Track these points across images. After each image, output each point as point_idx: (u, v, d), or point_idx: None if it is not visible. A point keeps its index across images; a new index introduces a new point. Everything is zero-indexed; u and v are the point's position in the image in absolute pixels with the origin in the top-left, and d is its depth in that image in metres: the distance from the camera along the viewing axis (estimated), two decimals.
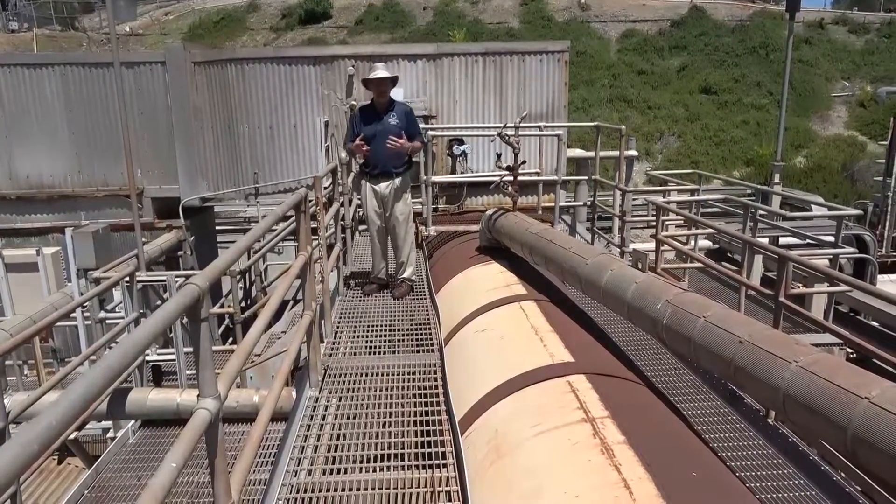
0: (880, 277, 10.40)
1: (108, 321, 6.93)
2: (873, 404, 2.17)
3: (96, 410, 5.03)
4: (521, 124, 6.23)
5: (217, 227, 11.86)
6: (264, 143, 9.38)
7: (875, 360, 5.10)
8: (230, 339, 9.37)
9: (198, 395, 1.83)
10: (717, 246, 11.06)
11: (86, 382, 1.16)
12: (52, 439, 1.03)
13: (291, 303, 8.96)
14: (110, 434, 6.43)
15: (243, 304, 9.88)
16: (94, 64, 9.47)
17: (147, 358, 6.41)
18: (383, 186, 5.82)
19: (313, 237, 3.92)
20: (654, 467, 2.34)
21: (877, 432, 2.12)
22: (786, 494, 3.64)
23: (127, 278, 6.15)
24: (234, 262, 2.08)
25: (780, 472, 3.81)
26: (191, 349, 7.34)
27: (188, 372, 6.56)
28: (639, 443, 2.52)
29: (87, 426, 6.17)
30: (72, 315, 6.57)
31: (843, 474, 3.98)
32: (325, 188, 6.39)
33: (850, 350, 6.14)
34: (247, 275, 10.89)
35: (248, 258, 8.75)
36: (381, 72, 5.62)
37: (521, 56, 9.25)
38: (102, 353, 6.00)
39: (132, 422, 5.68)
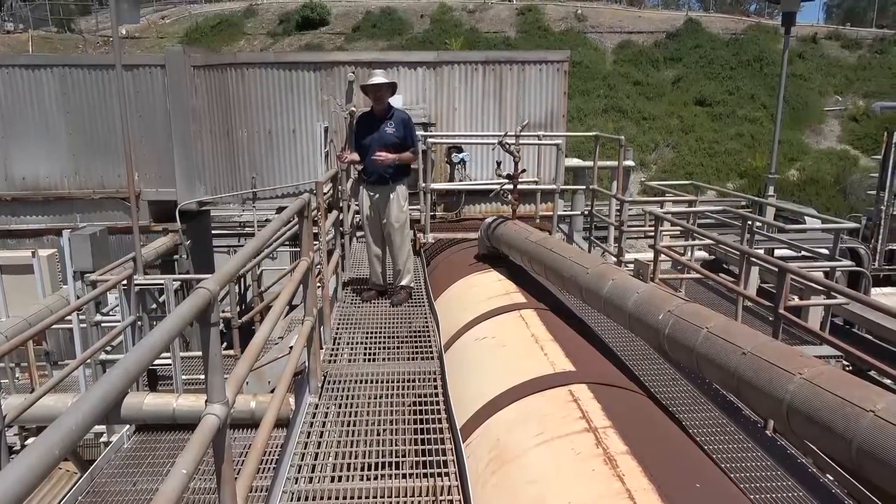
0: (873, 290, 10.46)
1: (103, 324, 6.89)
2: (879, 417, 2.17)
3: None
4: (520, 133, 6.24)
5: (212, 232, 11.81)
6: (263, 147, 9.36)
7: (872, 373, 5.14)
8: (223, 344, 9.32)
9: (206, 401, 1.81)
10: (713, 257, 11.10)
11: (105, 386, 1.15)
12: (74, 443, 1.02)
13: (287, 308, 8.92)
14: (103, 439, 6.37)
15: (238, 308, 9.84)
16: (93, 66, 9.44)
17: None
18: (379, 193, 5.82)
19: (314, 242, 3.91)
20: (658, 478, 2.34)
21: (882, 445, 2.12)
22: None
23: (124, 281, 6.11)
24: (243, 267, 2.07)
25: (779, 483, 3.81)
26: (186, 354, 7.32)
27: (184, 377, 6.52)
28: (641, 453, 2.52)
29: None
30: (66, 318, 6.51)
31: (836, 482, 3.99)
32: (325, 193, 6.38)
33: (846, 363, 6.17)
34: (241, 280, 10.86)
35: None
36: (378, 77, 5.62)
37: (520, 65, 9.28)
38: (98, 357, 5.96)
39: (126, 427, 5.63)
